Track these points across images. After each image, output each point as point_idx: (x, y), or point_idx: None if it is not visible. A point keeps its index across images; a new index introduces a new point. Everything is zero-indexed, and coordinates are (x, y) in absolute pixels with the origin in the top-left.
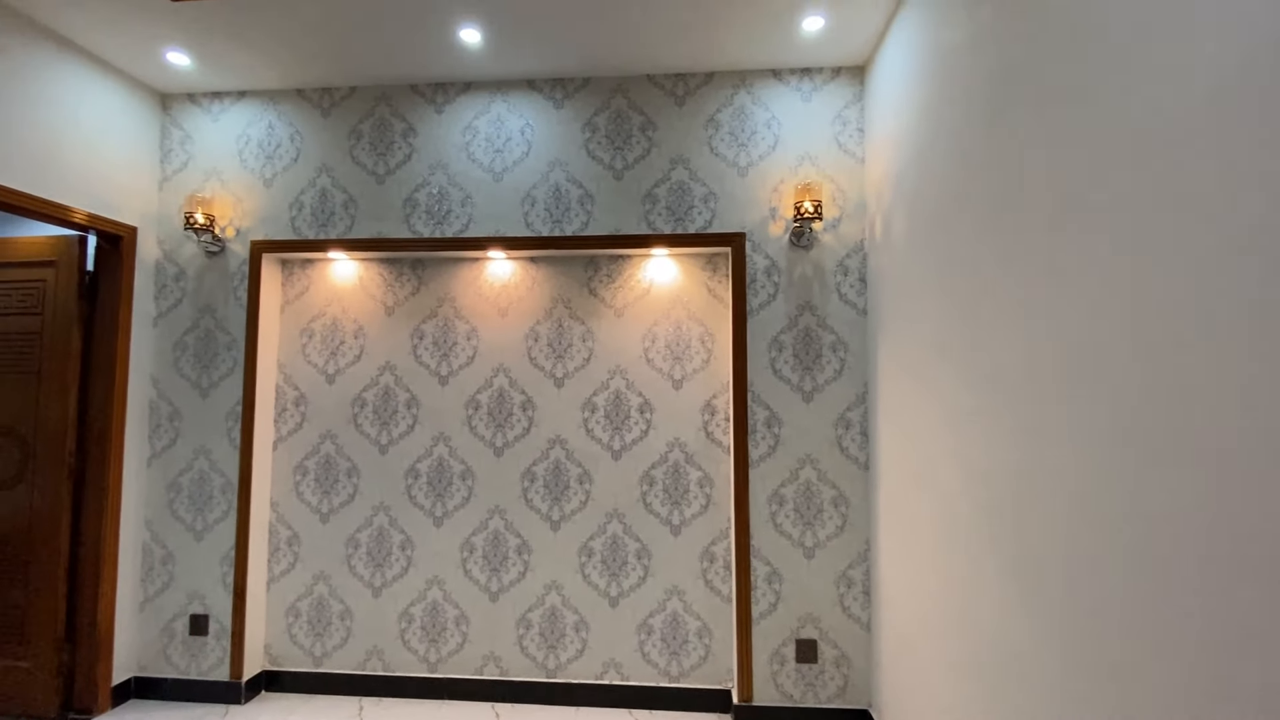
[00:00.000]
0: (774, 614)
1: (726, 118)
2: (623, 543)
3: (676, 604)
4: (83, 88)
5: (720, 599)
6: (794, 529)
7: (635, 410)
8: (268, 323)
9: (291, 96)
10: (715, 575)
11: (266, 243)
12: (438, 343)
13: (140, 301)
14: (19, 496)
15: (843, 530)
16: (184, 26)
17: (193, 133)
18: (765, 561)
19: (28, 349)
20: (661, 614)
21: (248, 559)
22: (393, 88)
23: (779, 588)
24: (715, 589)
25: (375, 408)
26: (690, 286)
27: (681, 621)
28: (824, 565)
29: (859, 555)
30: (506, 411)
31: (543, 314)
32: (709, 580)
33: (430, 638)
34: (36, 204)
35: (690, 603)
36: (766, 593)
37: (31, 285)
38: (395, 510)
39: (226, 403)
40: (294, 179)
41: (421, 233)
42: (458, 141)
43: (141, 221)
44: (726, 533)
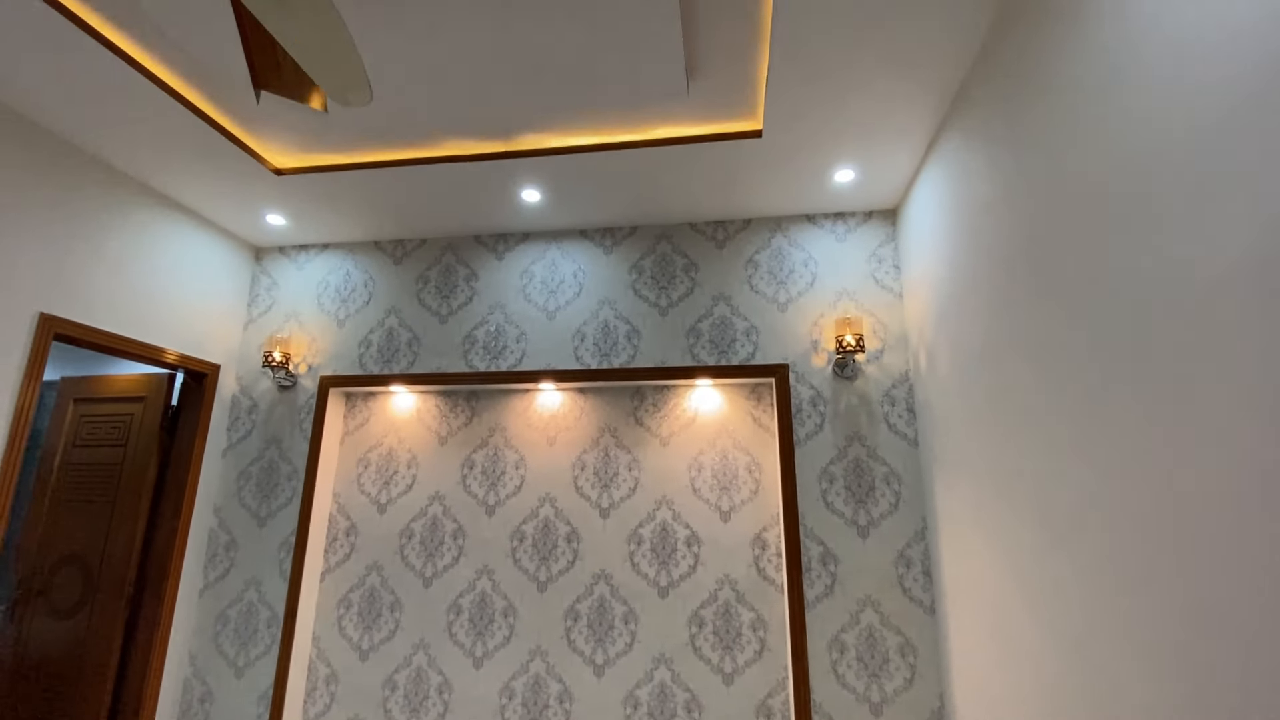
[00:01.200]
0: None
1: (765, 258)
2: (671, 693)
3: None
4: (187, 243)
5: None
6: (858, 682)
7: (682, 543)
8: (328, 453)
9: (369, 247)
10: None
11: (335, 378)
12: (487, 472)
13: (214, 434)
14: (76, 625)
15: (911, 684)
16: (284, 194)
17: (279, 280)
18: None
19: (108, 480)
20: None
21: (284, 699)
22: (459, 239)
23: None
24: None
25: (422, 539)
26: (735, 416)
27: None
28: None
29: (932, 715)
30: (551, 543)
31: (590, 443)
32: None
33: None
34: (137, 347)
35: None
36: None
37: (120, 419)
38: (435, 649)
39: (282, 533)
40: (365, 320)
41: (478, 367)
42: (515, 284)
43: (225, 359)
44: (784, 684)
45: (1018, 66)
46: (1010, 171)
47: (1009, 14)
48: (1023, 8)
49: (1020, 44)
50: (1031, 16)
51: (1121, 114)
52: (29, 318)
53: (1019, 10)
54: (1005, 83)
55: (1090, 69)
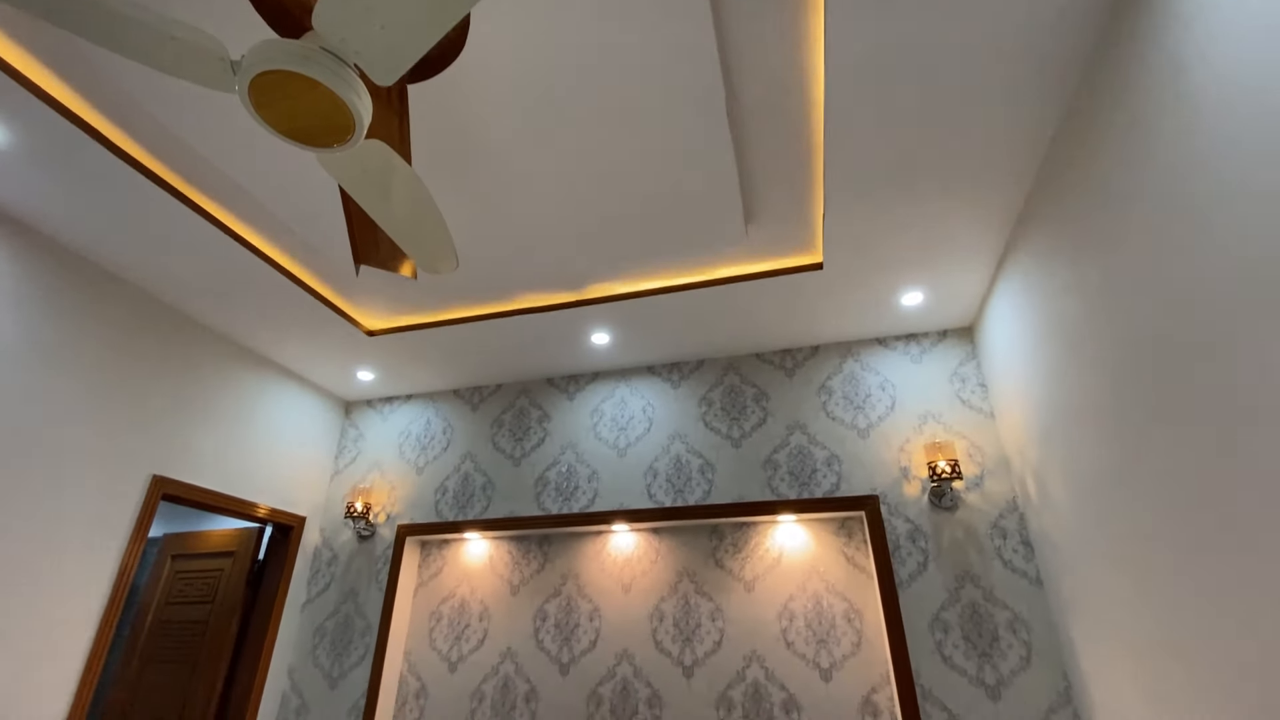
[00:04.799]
0: None
1: (838, 384)
2: None
3: None
4: (285, 401)
5: None
6: None
7: (779, 709)
8: (401, 606)
9: (448, 395)
10: None
11: (411, 526)
12: (560, 625)
13: (295, 587)
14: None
15: None
16: (375, 353)
17: (365, 431)
18: None
19: (194, 639)
20: None
21: None
22: (532, 382)
23: None
24: None
25: (494, 702)
26: (825, 555)
27: None
28: None
29: None
30: (630, 709)
31: (667, 589)
32: None
33: None
34: (234, 504)
35: None
36: None
37: (211, 575)
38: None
39: (352, 696)
40: (442, 466)
41: (550, 509)
42: (586, 423)
43: (310, 511)
44: None
45: (1086, 178)
46: (1096, 284)
47: (1071, 129)
48: (1083, 124)
49: (1087, 156)
50: (1095, 130)
51: (1198, 223)
52: (143, 480)
53: (1081, 125)
54: (1075, 196)
55: (1160, 178)
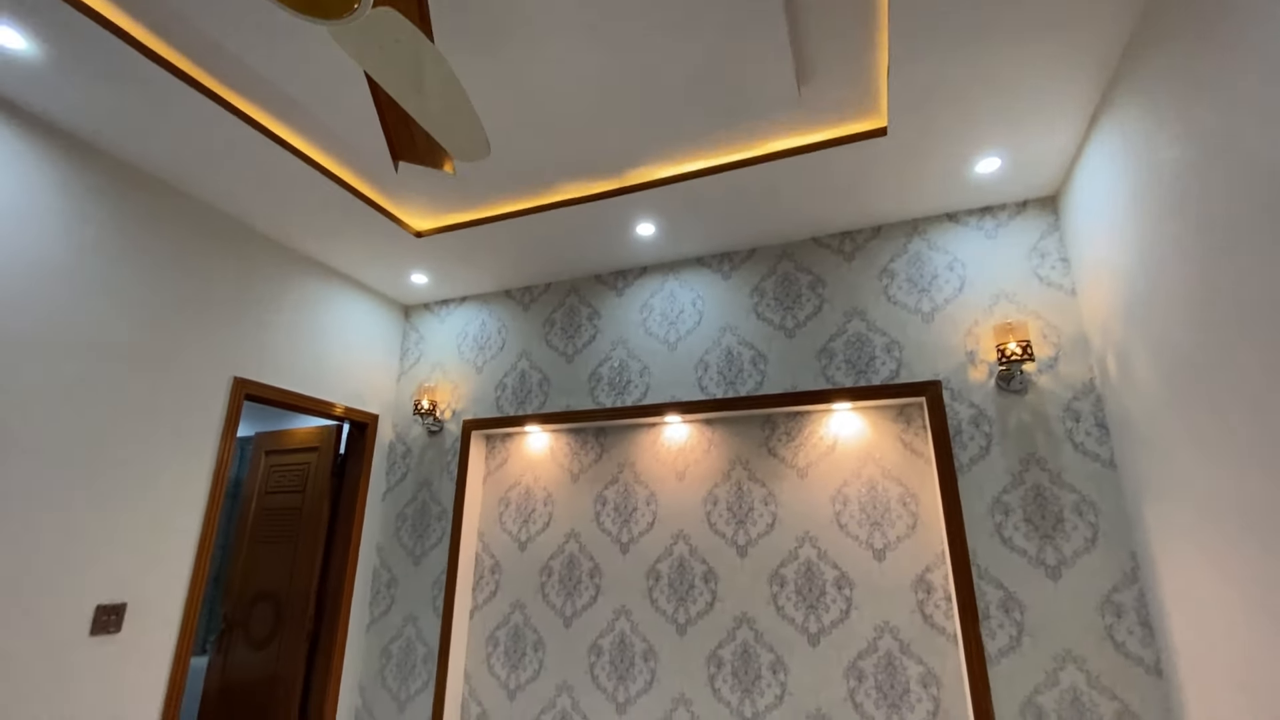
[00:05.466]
0: None
1: (901, 266)
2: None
3: None
4: (348, 306)
5: None
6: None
7: (831, 585)
8: (472, 493)
9: (500, 296)
10: None
11: (475, 421)
12: (619, 508)
13: (375, 479)
14: (268, 655)
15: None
16: (425, 255)
17: (425, 334)
18: None
19: (291, 522)
20: None
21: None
22: (580, 279)
23: None
24: None
25: (561, 576)
26: (881, 441)
27: None
28: None
29: None
30: (688, 583)
31: (720, 476)
32: None
33: None
34: (310, 403)
35: None
36: None
37: (300, 467)
38: (578, 692)
39: (434, 571)
40: (499, 364)
41: (604, 403)
42: (635, 319)
43: (382, 409)
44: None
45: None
46: (1207, 133)
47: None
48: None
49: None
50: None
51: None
52: (225, 381)
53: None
54: (1190, 25)
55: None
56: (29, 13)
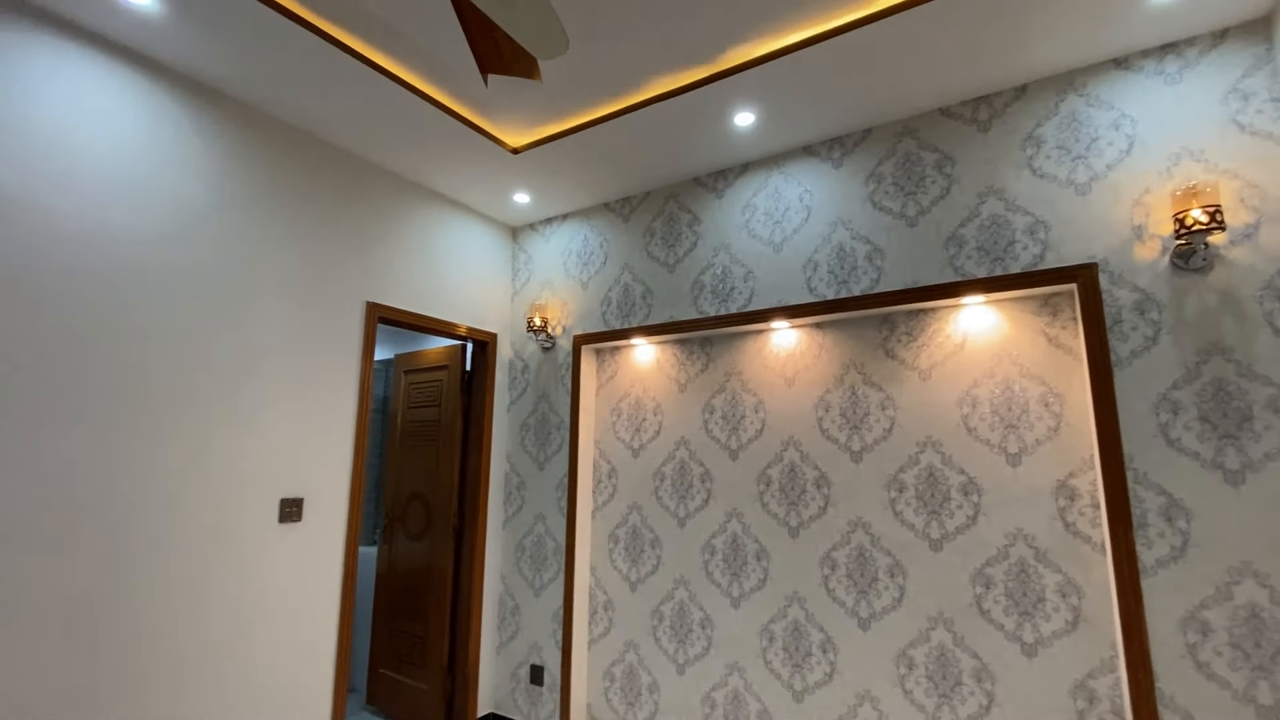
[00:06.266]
0: None
1: (1051, 131)
2: (953, 657)
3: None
4: (462, 231)
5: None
6: (1234, 675)
7: (956, 491)
8: (586, 404)
9: (600, 210)
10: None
11: (584, 335)
12: (727, 416)
13: (499, 393)
14: (423, 547)
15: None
16: (524, 171)
17: (533, 254)
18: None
19: (430, 433)
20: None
21: (572, 619)
22: (678, 184)
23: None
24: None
25: (673, 481)
26: (1019, 336)
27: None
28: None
29: None
30: (799, 489)
31: (833, 382)
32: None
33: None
34: (436, 324)
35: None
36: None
37: (433, 384)
38: (694, 586)
39: (556, 475)
40: (603, 279)
41: (707, 312)
42: (737, 221)
43: (500, 328)
44: (1111, 664)
45: None
46: None
47: None
48: None
49: None
50: None
51: None
52: (360, 306)
53: None
54: None
55: None
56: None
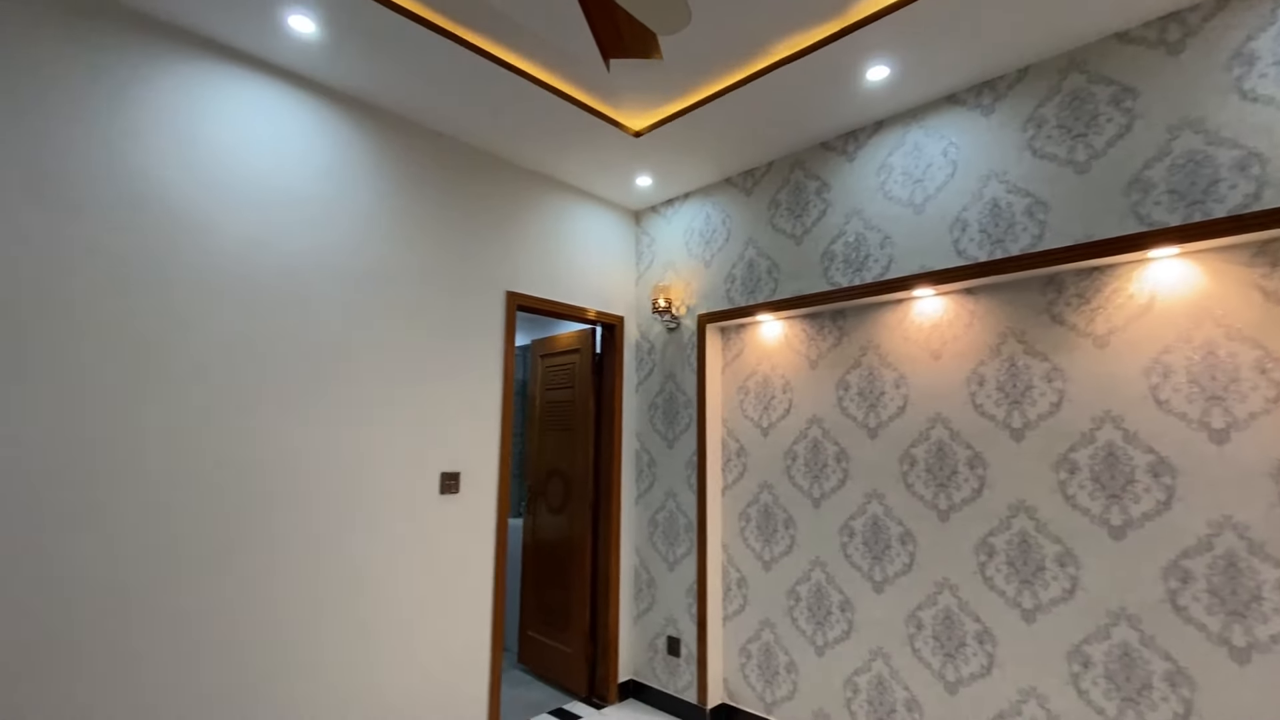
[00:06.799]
0: None
1: (1266, 43)
2: (1140, 657)
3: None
4: (588, 219)
5: None
6: None
7: (1143, 471)
8: (712, 383)
9: (721, 186)
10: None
11: (709, 315)
12: (863, 393)
13: (627, 374)
14: (563, 520)
15: None
16: (646, 154)
17: (655, 236)
18: None
19: (565, 413)
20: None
21: (706, 595)
22: (804, 151)
23: None
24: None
25: (806, 460)
26: (1225, 292)
27: None
28: None
29: None
30: (949, 469)
31: (987, 352)
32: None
33: (878, 716)
34: (570, 310)
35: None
36: None
37: (567, 367)
38: (832, 568)
39: (685, 453)
40: (726, 256)
41: (840, 283)
42: (871, 184)
43: (626, 311)
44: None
45: None
46: None
47: None
48: None
49: None
50: None
51: None
52: (501, 295)
53: None
54: None
55: None
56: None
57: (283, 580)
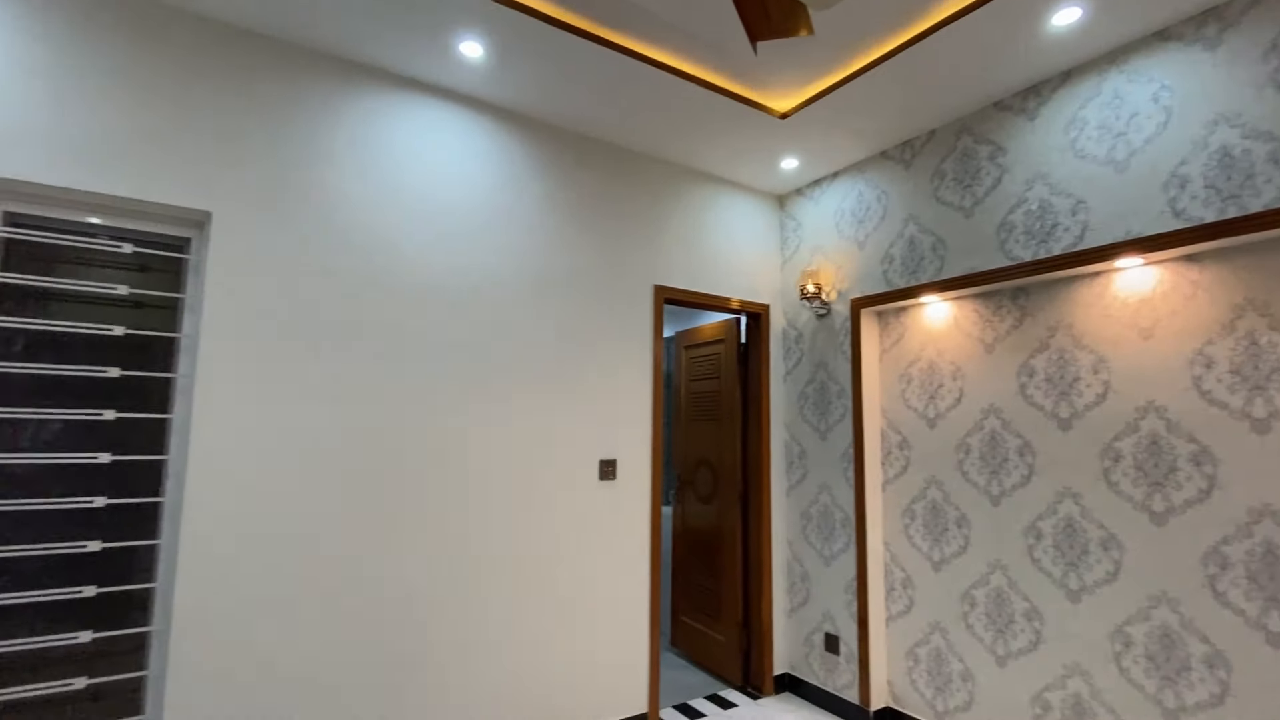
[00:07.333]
0: None
1: None
2: (1179, 639)
3: None
4: (730, 208)
5: None
6: None
7: None
8: (869, 371)
9: (875, 161)
10: None
11: (863, 299)
12: (1052, 380)
13: (774, 363)
14: (712, 509)
15: None
16: (792, 135)
17: (801, 220)
18: None
19: (713, 403)
20: None
21: (867, 593)
22: (972, 115)
23: None
24: None
25: (981, 454)
26: None
27: None
28: None
29: None
30: (1166, 466)
31: (1217, 329)
32: None
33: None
34: (715, 301)
35: None
36: None
37: (712, 358)
38: (1014, 572)
39: (840, 445)
40: (883, 235)
41: (1021, 257)
42: (1058, 143)
43: (772, 299)
44: None
45: None
46: None
47: None
48: None
49: None
50: None
51: None
52: (649, 290)
53: None
54: None
55: None
56: (488, 26)
57: (460, 561)
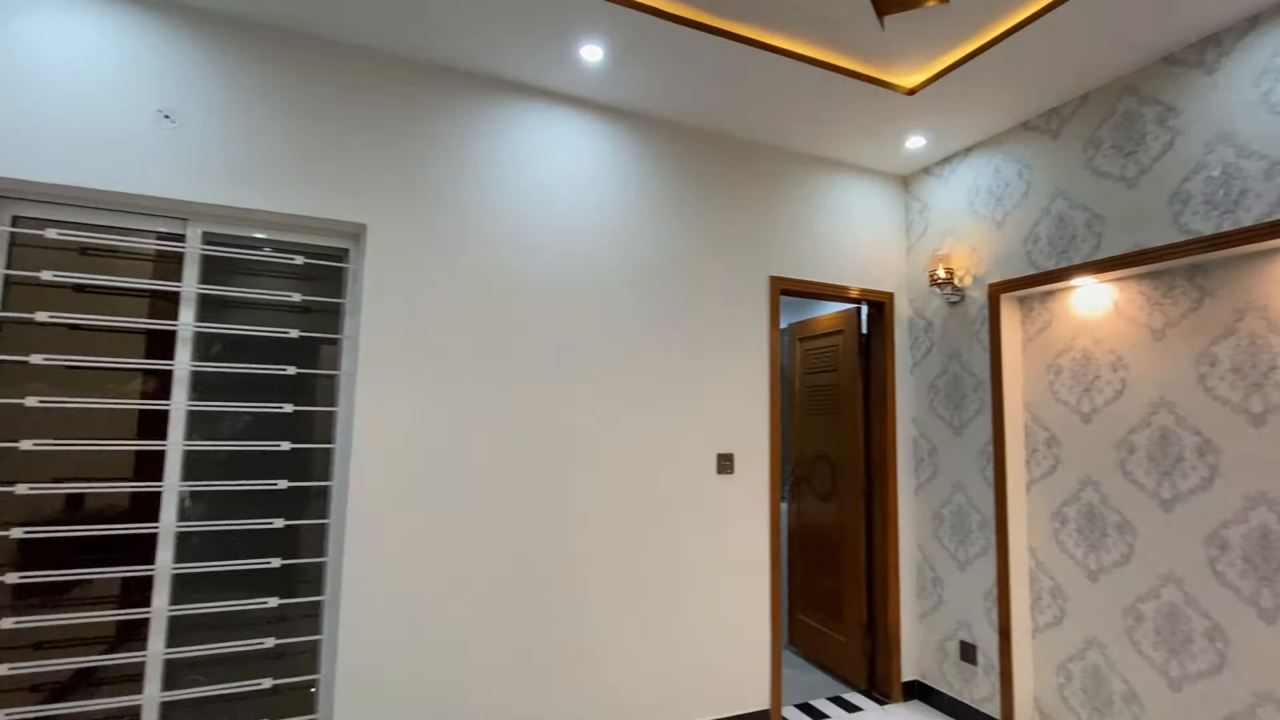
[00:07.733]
0: None
1: None
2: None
3: None
4: (848, 192)
5: None
6: None
7: None
8: (1010, 362)
9: (1015, 133)
10: None
11: (1003, 283)
12: (1239, 369)
13: (900, 354)
14: (831, 506)
15: None
16: (920, 111)
17: (928, 201)
18: None
19: (830, 397)
20: None
21: (1010, 602)
22: (1135, 74)
23: None
24: None
25: (1149, 453)
26: None
27: None
28: None
29: None
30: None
31: None
32: None
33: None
34: (830, 289)
35: None
36: None
37: (829, 349)
38: (1192, 586)
39: (977, 442)
40: (1025, 214)
41: (1200, 230)
42: (1247, 98)
43: (895, 287)
44: None
45: None
46: None
47: None
48: None
49: None
50: None
51: None
52: (764, 281)
53: None
54: None
55: None
56: (608, 27)
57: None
